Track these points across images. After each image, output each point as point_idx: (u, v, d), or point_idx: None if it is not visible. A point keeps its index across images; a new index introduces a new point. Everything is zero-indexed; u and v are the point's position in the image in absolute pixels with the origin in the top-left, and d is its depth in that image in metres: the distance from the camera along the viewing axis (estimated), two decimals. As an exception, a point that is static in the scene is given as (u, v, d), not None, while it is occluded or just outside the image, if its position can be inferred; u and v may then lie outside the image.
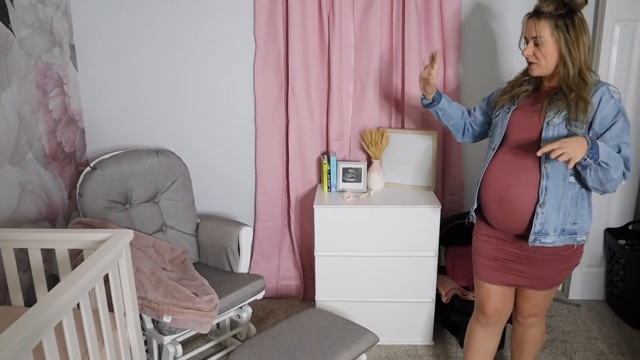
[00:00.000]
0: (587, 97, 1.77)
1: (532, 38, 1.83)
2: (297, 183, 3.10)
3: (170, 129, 3.11)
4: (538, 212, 1.85)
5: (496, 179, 1.95)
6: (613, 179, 1.75)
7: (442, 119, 2.36)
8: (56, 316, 1.41)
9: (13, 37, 2.43)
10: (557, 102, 1.83)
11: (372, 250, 2.65)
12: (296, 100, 2.97)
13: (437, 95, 2.28)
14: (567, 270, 2.00)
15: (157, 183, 2.74)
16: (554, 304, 3.15)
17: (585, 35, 1.79)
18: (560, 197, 1.84)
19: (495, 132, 2.03)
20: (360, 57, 2.94)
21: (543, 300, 2.07)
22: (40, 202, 2.63)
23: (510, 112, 1.98)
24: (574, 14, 1.78)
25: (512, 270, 2.02)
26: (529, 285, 2.03)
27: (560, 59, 1.81)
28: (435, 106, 2.30)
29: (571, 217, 1.87)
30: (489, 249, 2.06)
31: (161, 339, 2.24)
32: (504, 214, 1.95)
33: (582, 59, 1.79)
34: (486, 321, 2.14)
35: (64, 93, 2.87)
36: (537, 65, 1.87)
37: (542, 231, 1.87)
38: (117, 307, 1.83)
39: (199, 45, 2.99)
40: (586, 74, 1.80)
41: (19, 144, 2.47)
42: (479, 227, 2.12)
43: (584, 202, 1.90)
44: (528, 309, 2.10)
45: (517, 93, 1.98)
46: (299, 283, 3.27)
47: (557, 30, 1.78)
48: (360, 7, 2.87)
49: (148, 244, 2.55)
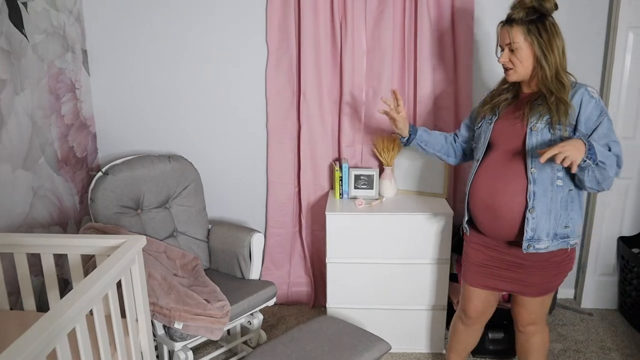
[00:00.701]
0: (566, 99, 1.81)
1: (507, 45, 1.88)
2: (308, 189, 3.09)
3: (182, 134, 3.11)
4: (528, 217, 1.86)
5: (483, 188, 1.98)
6: (610, 176, 1.77)
7: (427, 150, 2.36)
8: (70, 322, 1.40)
9: (27, 42, 2.45)
10: (538, 107, 1.86)
11: (384, 257, 2.63)
12: (308, 106, 2.96)
13: (412, 129, 2.31)
14: (560, 276, 2.00)
15: (169, 189, 2.74)
16: (566, 313, 3.12)
17: (559, 39, 1.85)
18: (550, 201, 1.87)
19: (479, 144, 2.07)
20: (372, 64, 2.93)
21: (539, 308, 2.07)
22: (52, 207, 2.64)
23: (492, 123, 2.01)
24: (545, 19, 1.84)
25: (501, 277, 2.06)
26: (519, 291, 2.04)
27: (536, 62, 1.86)
28: (414, 139, 2.31)
29: (562, 220, 1.89)
30: (478, 256, 2.11)
31: (172, 345, 2.22)
32: (492, 222, 1.98)
33: (557, 61, 1.84)
34: (467, 320, 2.24)
35: (76, 98, 2.88)
36: (513, 71, 1.91)
37: (534, 237, 1.88)
38: (130, 313, 1.82)
39: (211, 50, 3.00)
40: (563, 75, 1.84)
41: (32, 148, 2.48)
42: (470, 235, 2.15)
43: (574, 204, 1.91)
44: (525, 317, 2.11)
45: (498, 102, 2.02)
46: (310, 290, 3.25)
47: (530, 35, 1.83)
48: (373, 14, 2.87)
49: (159, 250, 2.55)
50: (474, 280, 2.15)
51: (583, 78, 2.06)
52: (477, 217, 2.05)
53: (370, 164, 3.04)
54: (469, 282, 2.17)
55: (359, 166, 3.04)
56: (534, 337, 2.16)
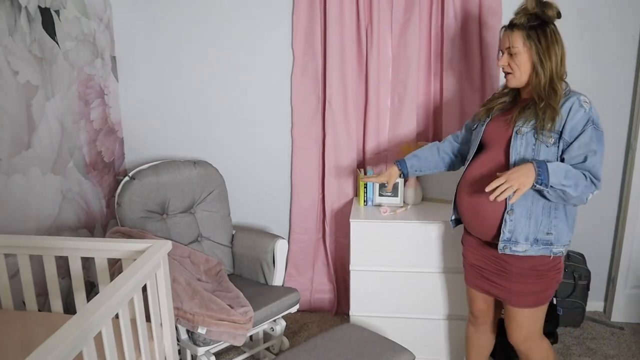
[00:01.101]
0: (555, 107, 1.80)
1: (506, 49, 1.90)
2: (332, 196, 3.08)
3: (207, 140, 3.14)
4: (506, 219, 1.88)
5: (468, 188, 2.03)
6: (573, 196, 1.76)
7: (426, 173, 2.42)
8: (96, 326, 1.41)
9: (58, 49, 2.50)
10: (526, 111, 1.88)
11: (408, 265, 2.60)
12: (333, 112, 2.96)
13: (402, 167, 2.38)
14: (547, 288, 1.97)
15: (194, 194, 2.76)
16: (595, 326, 3.04)
17: (558, 46, 1.84)
18: (530, 205, 1.87)
19: (472, 145, 2.12)
20: (397, 70, 2.92)
21: (528, 322, 2.01)
22: (79, 210, 2.68)
23: (484, 125, 2.05)
24: (547, 26, 1.84)
25: (489, 281, 2.08)
26: (503, 297, 2.04)
27: (532, 68, 1.86)
28: (409, 174, 2.39)
29: (544, 226, 1.88)
30: (472, 257, 2.15)
31: (195, 350, 2.23)
32: (474, 220, 2.03)
33: (553, 68, 1.83)
34: (475, 321, 2.27)
35: (104, 104, 2.93)
36: (512, 76, 1.93)
37: (511, 239, 1.90)
38: (154, 317, 1.83)
39: (237, 57, 3.02)
40: (557, 83, 1.83)
41: (61, 152, 2.53)
42: (464, 236, 2.21)
43: (558, 212, 1.89)
44: (517, 333, 2.05)
45: (493, 105, 2.06)
46: (332, 297, 3.23)
47: (529, 40, 1.84)
48: (399, 21, 2.85)
49: (184, 255, 2.56)
50: (472, 282, 2.19)
51: (613, 83, 2.02)
52: (462, 215, 2.11)
53: (395, 171, 3.01)
54: (468, 283, 2.22)
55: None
56: (532, 353, 2.09)
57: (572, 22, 2.74)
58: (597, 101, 1.97)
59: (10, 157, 2.19)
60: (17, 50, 2.22)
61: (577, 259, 2.99)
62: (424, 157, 2.38)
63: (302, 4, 2.87)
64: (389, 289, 2.64)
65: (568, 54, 1.90)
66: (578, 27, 2.82)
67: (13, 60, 2.19)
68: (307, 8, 2.87)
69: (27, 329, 1.85)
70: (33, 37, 2.32)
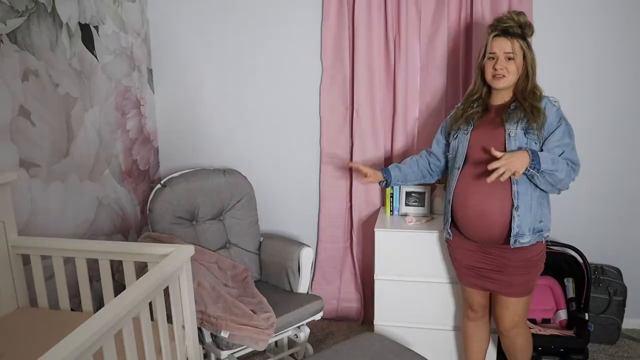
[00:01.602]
0: (539, 106, 2.04)
1: (506, 53, 2.08)
2: (360, 205, 3.10)
3: (237, 149, 3.22)
4: (514, 215, 2.04)
5: (471, 196, 2.12)
6: (561, 179, 1.99)
7: (407, 184, 2.62)
8: (117, 324, 1.48)
9: (97, 62, 2.63)
10: (515, 112, 2.07)
11: (433, 276, 2.59)
12: (361, 123, 2.99)
13: (386, 175, 2.54)
14: (535, 278, 2.17)
15: (223, 201, 2.83)
16: (632, 344, 2.92)
17: (535, 58, 2.12)
18: (529, 199, 2.05)
19: (458, 153, 2.23)
20: (425, 80, 2.92)
21: (521, 309, 2.19)
22: (115, 216, 2.80)
23: (469, 133, 2.19)
24: (528, 40, 2.12)
25: (488, 279, 2.21)
26: (503, 291, 2.18)
27: (523, 74, 2.10)
28: (391, 182, 2.55)
29: (538, 216, 2.08)
30: (468, 259, 2.26)
31: (219, 354, 2.29)
32: (481, 227, 2.12)
33: (535, 75, 2.11)
34: (475, 316, 2.38)
35: (140, 114, 3.05)
36: (505, 79, 2.09)
37: (519, 233, 2.05)
38: (176, 319, 1.89)
39: (267, 68, 3.10)
40: (538, 87, 2.11)
41: (98, 161, 2.65)
42: (455, 240, 2.29)
43: (544, 200, 2.11)
44: (508, 320, 2.21)
45: (471, 114, 2.21)
46: (360, 306, 3.24)
47: (525, 49, 2.09)
48: (427, 31, 2.87)
49: (211, 260, 2.63)
50: (468, 282, 2.30)
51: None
52: (464, 223, 2.19)
53: (422, 181, 3.01)
54: (464, 283, 2.33)
55: (411, 183, 3.01)
56: (517, 338, 2.26)
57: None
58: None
59: (50, 164, 2.32)
60: (58, 64, 2.36)
61: (613, 274, 2.89)
62: (405, 171, 2.55)
63: (331, 15, 2.92)
64: (413, 298, 2.64)
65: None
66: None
67: (54, 73, 2.33)
68: (336, 19, 2.92)
69: (59, 327, 1.94)
70: (73, 51, 2.46)
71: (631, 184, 2.91)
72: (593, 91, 2.85)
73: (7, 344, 1.81)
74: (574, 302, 2.69)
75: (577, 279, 2.72)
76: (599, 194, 2.95)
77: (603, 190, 2.94)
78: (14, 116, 2.10)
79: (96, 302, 2.50)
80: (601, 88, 2.84)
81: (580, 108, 2.82)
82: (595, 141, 2.88)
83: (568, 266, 2.77)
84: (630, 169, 2.90)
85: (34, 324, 1.98)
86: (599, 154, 2.90)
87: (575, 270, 2.73)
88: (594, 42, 2.80)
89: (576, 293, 2.71)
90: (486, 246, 2.18)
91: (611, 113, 2.86)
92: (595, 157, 2.89)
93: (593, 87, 2.85)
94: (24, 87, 2.15)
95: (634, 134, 2.87)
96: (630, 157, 2.89)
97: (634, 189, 2.92)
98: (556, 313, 2.75)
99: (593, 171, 2.90)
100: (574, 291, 2.72)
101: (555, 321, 2.74)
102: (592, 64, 2.82)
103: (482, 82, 2.21)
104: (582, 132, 2.47)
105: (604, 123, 2.88)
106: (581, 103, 2.85)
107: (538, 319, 2.76)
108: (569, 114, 2.13)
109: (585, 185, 2.90)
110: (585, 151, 2.79)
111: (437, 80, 2.90)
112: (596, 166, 2.90)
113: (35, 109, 2.21)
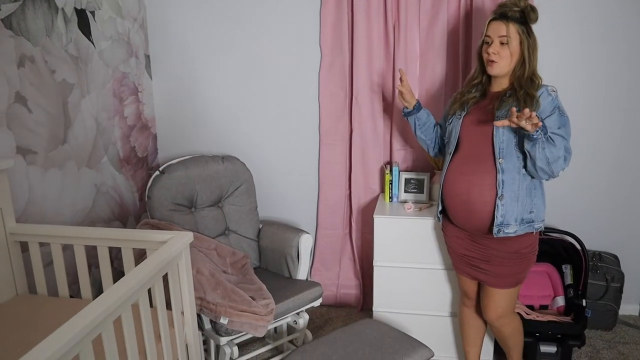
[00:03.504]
0: (535, 95, 1.99)
1: (501, 37, 2.03)
2: (359, 192, 3.10)
3: (236, 136, 3.21)
4: (498, 205, 2.02)
5: (457, 183, 2.13)
6: (559, 156, 1.92)
7: (417, 133, 2.48)
8: (115, 311, 1.48)
9: (94, 48, 2.61)
10: (507, 100, 2.04)
11: (432, 262, 2.59)
12: (360, 109, 2.97)
13: (418, 105, 2.43)
14: (527, 267, 2.16)
15: (222, 188, 2.83)
16: (629, 331, 2.94)
17: (536, 45, 2.07)
18: (517, 188, 2.03)
19: (451, 138, 2.22)
20: (425, 66, 2.91)
21: (507, 301, 2.20)
22: (113, 203, 2.79)
23: (461, 118, 2.18)
24: (529, 26, 2.05)
25: (477, 268, 2.22)
26: (490, 282, 2.18)
27: (520, 60, 2.05)
28: (414, 114, 2.43)
29: (527, 206, 2.05)
30: (459, 247, 2.27)
31: (218, 340, 2.30)
32: (467, 216, 2.13)
33: (534, 63, 2.06)
34: (471, 303, 2.40)
35: (138, 101, 3.03)
36: (497, 65, 2.05)
37: (504, 222, 2.04)
38: (175, 305, 1.90)
39: (265, 54, 3.07)
40: (537, 75, 2.06)
41: (96, 148, 2.64)
42: (447, 227, 2.31)
43: (537, 191, 2.08)
44: (493, 311, 2.21)
45: (467, 99, 2.19)
46: (359, 292, 3.25)
47: (523, 35, 2.03)
48: (427, 17, 2.84)
49: (210, 247, 2.63)
50: (460, 269, 2.32)
51: None
52: (452, 210, 2.20)
53: (421, 167, 3.00)
54: (457, 270, 2.36)
55: (410, 170, 3.01)
56: (504, 328, 2.27)
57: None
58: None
59: (48, 151, 2.31)
60: (54, 50, 2.34)
61: (610, 261, 2.90)
62: (429, 122, 2.47)
63: (330, 0, 2.89)
64: (412, 285, 2.64)
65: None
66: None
67: (50, 59, 2.31)
68: (335, 4, 2.90)
69: (58, 313, 1.95)
70: (69, 37, 2.43)
71: (629, 171, 2.91)
72: (587, 79, 2.83)
73: (6, 331, 1.82)
74: (571, 289, 2.70)
75: (575, 265, 2.73)
76: (597, 181, 2.95)
77: (601, 177, 2.94)
78: (10, 103, 2.09)
79: (95, 288, 2.51)
80: (595, 75, 2.82)
81: (575, 96, 2.81)
82: (593, 128, 2.87)
83: (566, 253, 2.77)
84: (628, 156, 2.89)
85: (33, 311, 1.98)
86: (597, 141, 2.89)
87: (573, 256, 2.74)
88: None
89: (574, 279, 2.71)
90: (474, 235, 2.18)
91: (608, 101, 2.85)
92: (593, 144, 2.88)
93: (585, 75, 2.83)
94: (20, 73, 2.13)
95: (633, 121, 2.85)
96: (628, 143, 2.88)
97: (632, 176, 2.92)
98: (554, 299, 2.76)
99: (591, 158, 2.89)
100: (572, 278, 2.73)
101: (552, 307, 2.75)
102: (588, 49, 2.80)
103: (481, 68, 2.18)
104: (579, 120, 2.47)
105: (601, 111, 2.86)
106: (577, 91, 2.83)
107: (536, 305, 2.77)
108: (565, 101, 2.09)
109: (583, 172, 2.90)
110: (582, 138, 2.81)
111: (437, 66, 2.88)
112: (595, 153, 2.90)
113: (31, 96, 2.20)
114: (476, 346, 2.48)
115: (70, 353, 1.27)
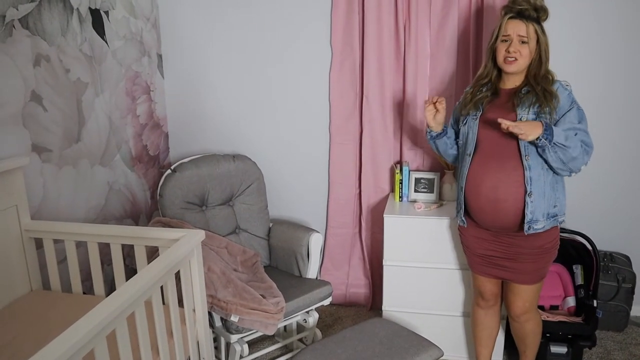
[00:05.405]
0: (552, 90, 2.02)
1: (520, 36, 2.04)
2: (369, 191, 3.11)
3: (247, 135, 3.22)
4: (527, 202, 2.03)
5: (484, 182, 2.10)
6: (574, 157, 1.95)
7: (450, 150, 2.39)
8: (129, 307, 1.50)
9: (107, 48, 2.64)
10: (526, 96, 2.05)
11: (442, 262, 2.60)
12: (370, 108, 2.98)
13: (445, 127, 2.34)
14: (549, 262, 2.18)
15: (233, 187, 2.85)
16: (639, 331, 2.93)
17: (548, 42, 2.09)
18: (543, 184, 2.04)
19: (468, 139, 2.19)
20: (435, 67, 2.90)
21: (532, 296, 2.21)
22: (125, 201, 2.82)
23: (477, 118, 2.16)
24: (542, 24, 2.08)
25: (499, 267, 2.22)
26: (515, 279, 2.19)
27: (536, 58, 2.07)
28: (445, 135, 2.35)
29: (552, 200, 2.07)
30: (479, 248, 2.25)
31: (228, 337, 2.31)
32: (494, 215, 2.11)
33: (548, 60, 2.09)
34: (486, 304, 2.39)
35: (150, 99, 3.06)
36: (517, 62, 2.06)
37: (533, 219, 2.04)
38: (187, 303, 1.92)
39: (277, 54, 3.09)
40: (550, 72, 2.09)
41: (109, 146, 2.67)
42: (468, 227, 2.28)
43: (559, 185, 2.10)
44: (519, 306, 2.23)
45: (480, 99, 2.17)
46: (368, 292, 3.26)
47: (540, 34, 2.06)
48: (437, 16, 2.84)
49: (221, 245, 2.65)
50: (482, 271, 2.30)
51: None
52: (476, 211, 2.17)
53: (431, 167, 3.00)
54: (476, 271, 2.33)
55: (420, 169, 3.01)
56: (528, 324, 2.28)
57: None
58: None
59: (62, 149, 2.34)
60: (69, 50, 2.36)
61: (622, 261, 2.89)
62: (453, 136, 2.38)
63: (341, 0, 2.90)
64: (421, 284, 2.65)
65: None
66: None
67: (65, 58, 2.34)
68: (346, 4, 2.90)
69: (72, 309, 1.98)
70: (84, 36, 2.46)
71: (642, 171, 2.90)
72: (604, 76, 2.82)
73: (20, 326, 1.85)
74: (582, 289, 2.69)
75: (586, 266, 2.72)
76: (609, 181, 2.93)
77: (613, 177, 2.93)
78: (26, 101, 2.12)
79: (107, 285, 2.53)
80: (613, 72, 2.81)
81: (591, 93, 2.79)
82: (606, 127, 2.85)
83: (577, 253, 2.76)
84: (641, 156, 2.88)
85: (47, 307, 2.01)
86: (610, 141, 2.87)
87: (584, 257, 2.73)
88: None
89: (585, 280, 2.70)
90: (499, 234, 2.17)
91: (623, 99, 2.83)
92: (606, 144, 2.86)
93: (604, 71, 2.81)
94: (36, 73, 2.16)
95: (646, 120, 2.84)
96: (642, 144, 2.87)
97: (645, 177, 2.90)
98: (564, 300, 2.75)
99: (603, 158, 2.87)
100: (583, 278, 2.72)
101: (563, 308, 2.74)
102: (607, 48, 2.79)
103: (493, 65, 2.17)
104: (593, 118, 2.44)
105: (615, 109, 2.85)
106: (593, 88, 2.82)
107: (546, 306, 2.77)
108: (581, 99, 2.10)
109: (595, 172, 2.88)
110: (595, 137, 2.76)
111: (447, 66, 2.88)
112: (606, 153, 2.88)
113: (47, 94, 2.23)
114: (488, 347, 2.48)
115: (85, 348, 1.29)
